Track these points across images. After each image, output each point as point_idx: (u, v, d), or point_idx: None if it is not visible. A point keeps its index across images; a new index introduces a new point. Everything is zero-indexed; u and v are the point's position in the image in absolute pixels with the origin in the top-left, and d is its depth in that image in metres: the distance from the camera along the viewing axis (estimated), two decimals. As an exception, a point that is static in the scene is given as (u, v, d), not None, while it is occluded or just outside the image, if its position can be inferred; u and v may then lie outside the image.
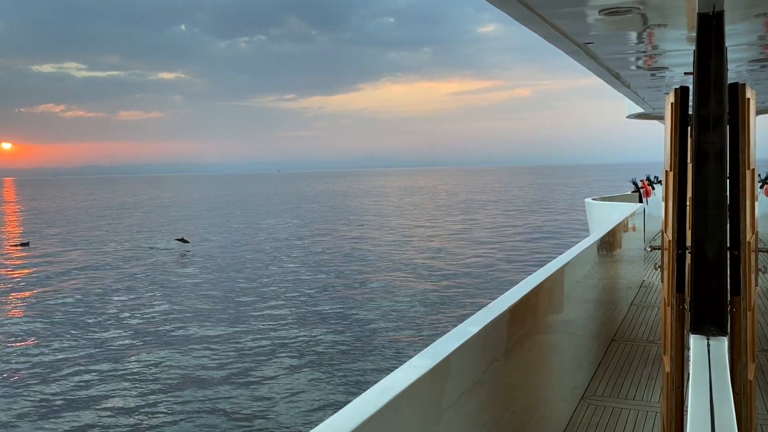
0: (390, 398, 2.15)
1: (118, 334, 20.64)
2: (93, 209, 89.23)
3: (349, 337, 19.74)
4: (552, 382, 4.87)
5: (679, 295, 3.38)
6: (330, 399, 14.63)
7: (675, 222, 3.40)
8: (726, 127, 3.09)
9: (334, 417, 2.00)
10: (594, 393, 5.80)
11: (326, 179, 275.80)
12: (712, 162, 3.05)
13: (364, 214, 68.88)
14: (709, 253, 3.03)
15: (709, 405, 2.05)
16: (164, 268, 34.08)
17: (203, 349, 18.75)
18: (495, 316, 3.35)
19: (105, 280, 30.66)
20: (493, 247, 39.97)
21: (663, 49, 5.28)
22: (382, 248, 40.35)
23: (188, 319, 22.48)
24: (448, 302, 24.47)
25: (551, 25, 4.17)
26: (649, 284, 10.48)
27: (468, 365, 3.01)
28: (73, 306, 25.09)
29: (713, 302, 3.00)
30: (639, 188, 19.30)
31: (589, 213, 18.75)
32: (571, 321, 5.51)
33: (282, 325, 21.49)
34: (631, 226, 9.75)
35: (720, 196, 3.05)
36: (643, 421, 5.16)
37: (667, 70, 6.47)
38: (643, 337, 7.58)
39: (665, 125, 3.72)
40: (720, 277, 3.03)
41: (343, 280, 29.50)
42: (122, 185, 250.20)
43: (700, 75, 3.07)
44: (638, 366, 6.53)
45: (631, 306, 9.05)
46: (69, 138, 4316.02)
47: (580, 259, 5.80)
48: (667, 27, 4.31)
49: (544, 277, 4.44)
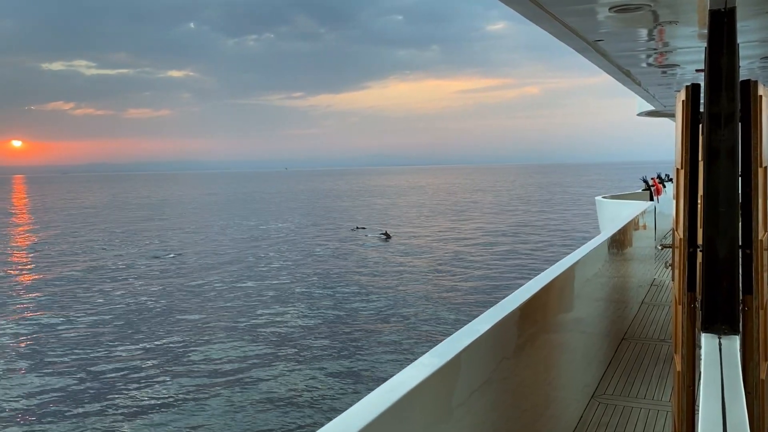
0: (399, 396, 2.16)
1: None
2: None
3: (363, 334, 19.78)
4: (562, 380, 4.85)
5: (690, 293, 3.36)
6: (342, 396, 14.68)
7: (686, 220, 3.38)
8: (738, 124, 3.07)
9: (344, 415, 2.00)
10: (604, 392, 5.78)
11: (335, 177, 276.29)
12: (724, 159, 3.03)
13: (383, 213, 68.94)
14: (720, 251, 3.00)
15: (720, 404, 2.04)
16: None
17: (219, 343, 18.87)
18: (505, 314, 3.35)
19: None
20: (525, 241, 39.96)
21: (674, 46, 5.24)
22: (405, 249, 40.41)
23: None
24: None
25: (561, 22, 4.15)
26: (660, 283, 10.42)
27: (478, 363, 3.01)
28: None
29: (725, 301, 2.98)
30: (650, 186, 19.21)
31: (599, 211, 18.67)
32: (581, 319, 5.49)
33: (294, 320, 21.56)
34: (641, 225, 9.71)
35: (732, 194, 3.03)
36: (654, 421, 5.14)
37: (678, 67, 6.43)
38: (653, 336, 7.55)
39: (676, 123, 3.70)
40: (732, 276, 3.01)
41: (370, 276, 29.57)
42: (146, 182, 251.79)
43: (712, 72, 3.05)
44: (649, 365, 6.50)
45: (642, 304, 9.01)
46: (79, 136, 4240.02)
47: (590, 257, 5.77)
48: (678, 24, 4.28)
49: (555, 275, 4.42)
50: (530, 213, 63.97)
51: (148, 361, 17.60)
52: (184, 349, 18.62)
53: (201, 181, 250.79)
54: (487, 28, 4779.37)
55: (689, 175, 3.38)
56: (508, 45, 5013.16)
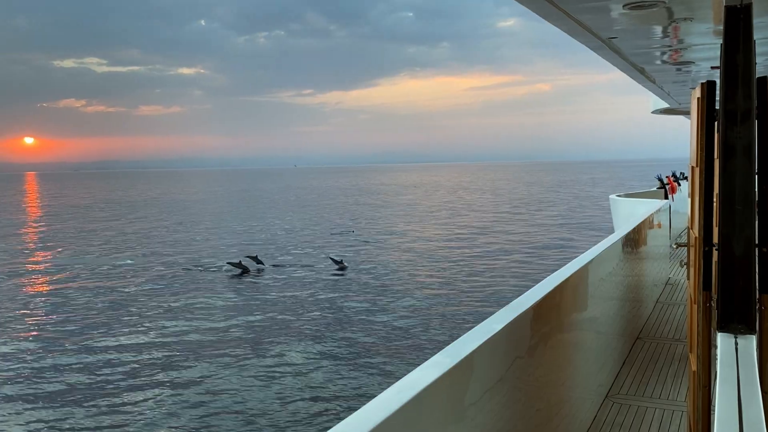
0: (412, 396, 2.15)
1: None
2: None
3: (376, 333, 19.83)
4: (576, 380, 4.83)
5: (705, 292, 3.33)
6: (355, 394, 14.74)
7: (701, 218, 3.36)
8: (754, 121, 3.04)
9: (356, 414, 2.00)
10: (619, 391, 5.75)
11: (344, 174, 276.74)
12: (740, 157, 3.00)
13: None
14: (736, 249, 2.98)
15: (737, 404, 2.02)
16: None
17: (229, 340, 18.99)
18: (519, 313, 3.34)
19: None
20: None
21: (689, 43, 5.20)
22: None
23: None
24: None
25: (575, 20, 4.13)
26: (675, 282, 10.35)
27: (491, 363, 3.00)
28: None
29: (741, 300, 2.95)
30: (665, 184, 19.08)
31: (613, 210, 18.57)
32: (595, 319, 5.46)
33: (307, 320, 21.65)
34: (656, 223, 9.64)
35: (748, 192, 3.00)
36: (669, 421, 5.10)
37: (693, 64, 6.38)
38: (668, 336, 7.50)
39: (691, 120, 3.67)
40: (748, 275, 2.98)
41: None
42: (167, 179, 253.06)
43: (728, 69, 3.02)
44: (664, 364, 6.46)
45: (657, 304, 8.95)
46: (90, 133, 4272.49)
47: (604, 256, 5.74)
48: (693, 21, 4.25)
49: (569, 274, 4.40)
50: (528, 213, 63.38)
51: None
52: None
53: (203, 179, 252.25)
54: (497, 25, 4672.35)
55: (705, 173, 3.35)
56: (518, 42, 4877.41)
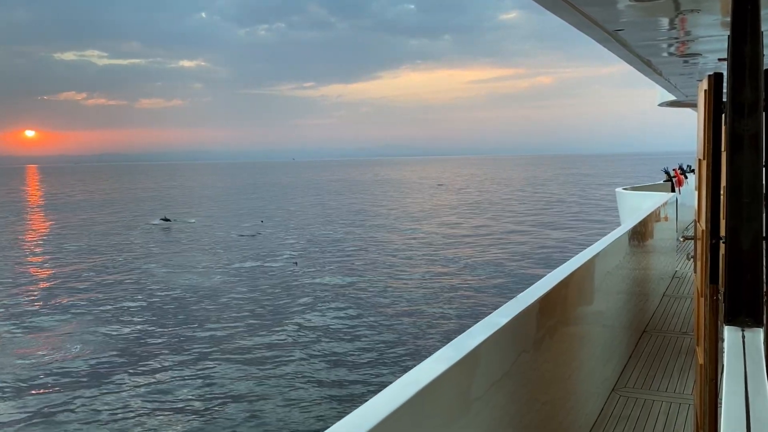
0: (417, 390, 2.15)
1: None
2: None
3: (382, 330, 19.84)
4: (582, 373, 4.82)
5: (712, 285, 3.32)
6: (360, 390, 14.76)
7: (708, 211, 3.34)
8: (762, 113, 3.01)
9: (361, 408, 2.00)
10: (625, 385, 5.74)
11: (345, 167, 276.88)
12: (747, 149, 2.97)
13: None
14: (744, 242, 2.96)
15: (744, 398, 2.01)
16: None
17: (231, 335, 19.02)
18: (524, 307, 3.33)
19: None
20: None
21: (696, 35, 5.17)
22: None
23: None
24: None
25: (580, 12, 4.11)
26: (682, 275, 10.32)
27: (496, 357, 3.00)
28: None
29: (748, 293, 2.93)
30: (671, 177, 19.00)
31: (620, 203, 18.51)
32: (601, 312, 5.45)
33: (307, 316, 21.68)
34: (663, 216, 9.61)
35: (755, 185, 2.98)
36: (676, 414, 5.09)
37: (700, 56, 6.34)
38: (675, 329, 7.48)
39: (698, 113, 3.65)
40: (756, 267, 2.96)
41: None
42: (175, 172, 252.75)
43: (735, 61, 3.00)
44: (670, 358, 6.44)
45: (663, 297, 8.93)
46: (91, 126, 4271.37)
47: (611, 249, 5.72)
48: (700, 12, 4.21)
49: (575, 267, 4.39)
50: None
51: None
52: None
53: (198, 172, 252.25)
54: (500, 18, 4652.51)
55: (712, 166, 3.33)
56: (521, 35, 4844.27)
